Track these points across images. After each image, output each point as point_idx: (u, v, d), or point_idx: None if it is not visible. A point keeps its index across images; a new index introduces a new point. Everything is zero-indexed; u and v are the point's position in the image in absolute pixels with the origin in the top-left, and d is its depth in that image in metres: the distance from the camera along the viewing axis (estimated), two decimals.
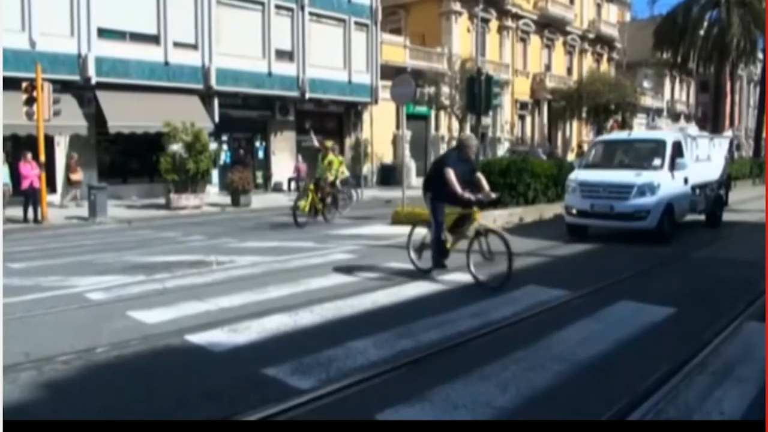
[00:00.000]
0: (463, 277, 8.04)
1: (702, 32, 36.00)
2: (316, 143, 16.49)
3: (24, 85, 16.37)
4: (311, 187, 15.06)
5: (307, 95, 27.67)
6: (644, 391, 4.27)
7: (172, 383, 4.58)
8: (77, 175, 20.39)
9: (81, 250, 11.05)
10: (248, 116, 26.79)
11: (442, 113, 34.69)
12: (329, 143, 15.33)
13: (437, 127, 36.03)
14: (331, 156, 15.37)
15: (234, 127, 26.15)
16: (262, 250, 10.64)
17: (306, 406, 4.07)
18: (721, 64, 36.34)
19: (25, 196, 15.85)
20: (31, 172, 15.73)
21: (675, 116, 58.64)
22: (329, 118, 30.83)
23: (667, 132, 13.86)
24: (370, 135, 29.76)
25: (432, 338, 5.49)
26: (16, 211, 15.93)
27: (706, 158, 13.82)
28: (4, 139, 18.22)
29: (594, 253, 10.62)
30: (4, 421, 3.72)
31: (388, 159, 32.59)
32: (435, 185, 7.99)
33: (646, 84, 53.18)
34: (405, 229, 13.27)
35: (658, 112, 56.13)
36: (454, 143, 33.25)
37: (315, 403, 4.12)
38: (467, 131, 32.51)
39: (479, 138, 17.50)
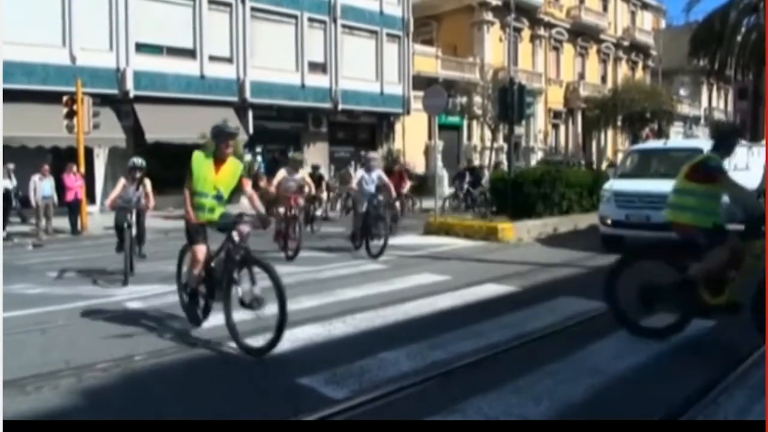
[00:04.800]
0: (498, 289, 7.99)
1: (740, 38, 35.29)
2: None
3: (65, 99, 16.79)
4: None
5: (340, 107, 27.91)
6: (681, 405, 4.19)
7: (208, 391, 4.64)
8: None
9: (119, 260, 11.24)
10: (282, 128, 27.08)
11: (474, 123, 34.60)
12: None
13: (470, 137, 35.93)
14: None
15: (268, 138, 26.45)
16: (295, 260, 10.72)
17: (339, 416, 4.09)
18: (760, 71, 35.48)
19: (69, 207, 16.07)
20: (75, 183, 16.04)
21: (713, 124, 57.50)
22: (362, 129, 31.02)
23: (704, 140, 13.62)
24: (402, 146, 29.83)
25: (464, 349, 5.45)
26: (58, 222, 16.19)
27: (744, 167, 13.48)
28: (46, 151, 18.80)
29: None
30: (4, 421, 3.82)
31: (420, 169, 32.61)
32: None
33: (682, 92, 52.22)
34: (437, 240, 13.41)
35: (695, 120, 55.14)
36: (486, 153, 33.33)
37: (348, 413, 4.13)
38: (500, 141, 32.36)
39: (512, 148, 17.43)
